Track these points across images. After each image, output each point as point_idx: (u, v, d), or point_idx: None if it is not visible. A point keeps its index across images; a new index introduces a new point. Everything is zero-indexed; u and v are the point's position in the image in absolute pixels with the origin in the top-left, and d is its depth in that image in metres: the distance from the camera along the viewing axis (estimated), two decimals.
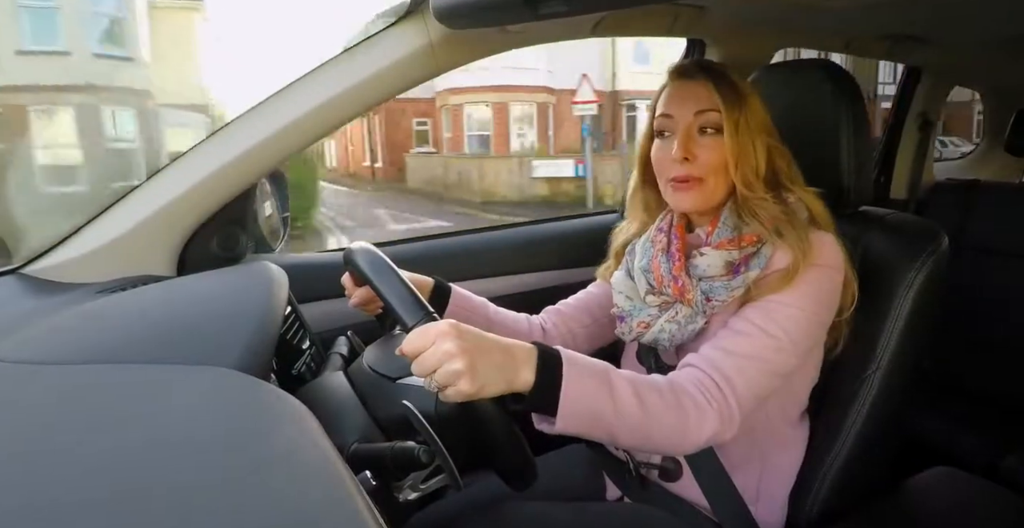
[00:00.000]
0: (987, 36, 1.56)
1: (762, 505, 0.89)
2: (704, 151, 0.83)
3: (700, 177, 0.83)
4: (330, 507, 0.39)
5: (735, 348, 0.77)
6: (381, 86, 1.03)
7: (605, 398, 0.68)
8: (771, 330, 0.77)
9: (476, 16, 0.91)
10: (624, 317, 0.88)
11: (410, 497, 0.75)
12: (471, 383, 0.61)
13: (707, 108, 0.82)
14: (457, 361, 0.61)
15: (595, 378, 0.69)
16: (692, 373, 0.76)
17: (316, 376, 0.96)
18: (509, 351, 0.66)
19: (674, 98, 0.85)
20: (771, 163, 0.84)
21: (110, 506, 0.40)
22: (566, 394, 0.66)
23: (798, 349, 0.79)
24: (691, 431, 0.72)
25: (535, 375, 0.66)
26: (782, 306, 0.78)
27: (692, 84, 0.84)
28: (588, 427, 0.69)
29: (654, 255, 0.86)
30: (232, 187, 1.03)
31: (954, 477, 1.04)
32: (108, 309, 0.82)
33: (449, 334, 0.62)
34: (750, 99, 0.83)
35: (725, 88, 0.82)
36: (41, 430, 0.50)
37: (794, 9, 1.27)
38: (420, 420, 0.70)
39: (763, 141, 0.83)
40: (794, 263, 0.78)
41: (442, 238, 1.49)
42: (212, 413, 0.53)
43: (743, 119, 0.81)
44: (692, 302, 0.82)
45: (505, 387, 0.65)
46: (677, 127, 0.84)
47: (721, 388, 0.74)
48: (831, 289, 0.82)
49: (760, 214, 0.82)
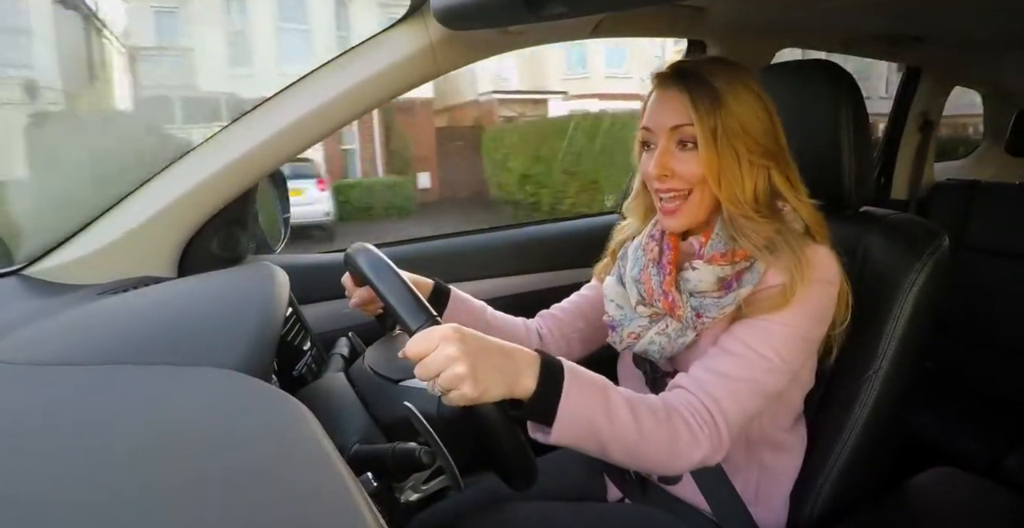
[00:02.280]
0: (987, 36, 1.56)
1: (762, 506, 0.89)
2: (682, 165, 0.79)
3: (685, 190, 0.81)
4: (331, 508, 0.39)
5: (726, 370, 0.76)
6: (381, 87, 1.03)
7: (601, 412, 0.68)
8: (762, 351, 0.76)
9: (476, 17, 0.91)
10: (615, 326, 0.87)
11: (411, 498, 0.75)
12: (474, 387, 0.61)
13: (681, 123, 0.78)
14: (460, 365, 0.61)
15: (594, 392, 0.69)
16: (685, 397, 0.75)
17: (317, 377, 0.97)
18: (512, 356, 0.66)
19: (653, 110, 0.82)
20: (763, 178, 0.79)
21: (110, 506, 0.40)
22: (565, 405, 0.67)
23: (789, 368, 0.78)
24: (682, 454, 0.72)
25: (536, 383, 0.66)
26: (775, 325, 0.77)
27: (669, 95, 0.80)
28: (582, 439, 0.69)
29: (645, 265, 0.84)
30: (233, 188, 1.03)
31: (954, 477, 1.04)
32: (109, 310, 0.82)
33: (452, 338, 0.62)
34: (734, 107, 0.77)
35: (700, 96, 0.77)
36: (42, 431, 0.50)
37: (794, 9, 1.27)
38: (422, 421, 0.70)
39: (750, 155, 0.78)
40: (790, 283, 0.76)
41: (441, 239, 1.49)
42: (213, 414, 0.53)
43: (720, 130, 0.76)
44: (682, 318, 0.81)
45: (507, 392, 0.65)
46: (656, 141, 0.82)
47: (713, 414, 0.73)
48: (825, 304, 0.80)
49: (751, 235, 0.79)
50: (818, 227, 0.82)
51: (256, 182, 1.08)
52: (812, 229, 0.82)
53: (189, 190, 1.00)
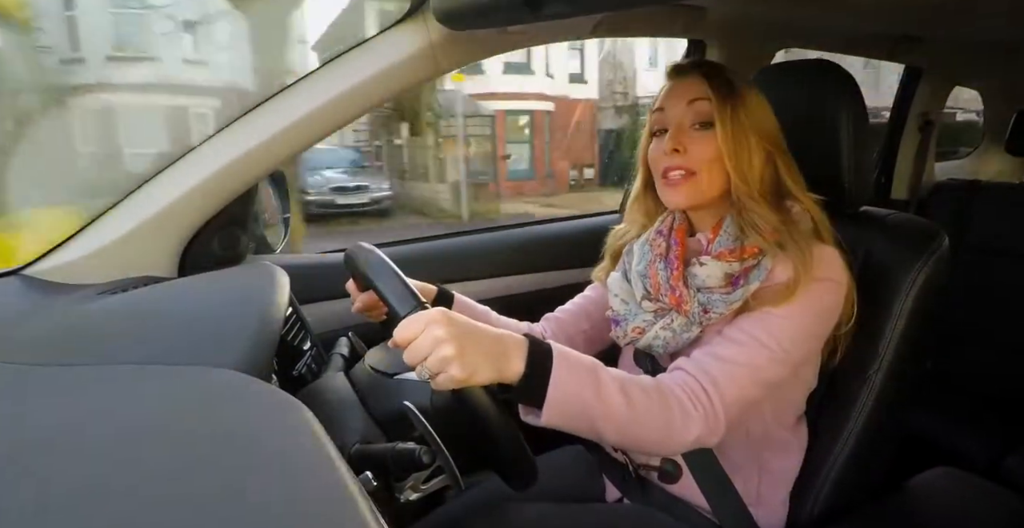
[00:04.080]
0: (987, 36, 1.56)
1: (762, 506, 0.89)
2: (695, 144, 0.82)
3: (692, 170, 0.82)
4: (331, 508, 0.40)
5: (727, 354, 0.76)
6: (382, 87, 1.03)
7: (591, 393, 0.68)
8: (765, 340, 0.76)
9: (477, 17, 0.91)
10: (619, 321, 0.88)
11: (411, 498, 0.75)
12: (461, 369, 0.61)
13: (698, 97, 0.82)
14: (447, 347, 0.61)
15: (584, 373, 0.69)
16: (680, 376, 0.76)
17: (317, 377, 0.97)
18: (500, 340, 0.66)
19: (668, 94, 0.86)
20: (771, 164, 0.83)
21: (110, 506, 0.40)
22: (555, 385, 0.66)
23: (790, 359, 0.78)
24: (676, 431, 0.72)
25: (525, 365, 0.66)
26: (779, 318, 0.77)
27: (686, 80, 0.84)
28: (574, 421, 0.69)
29: (652, 260, 0.85)
30: (233, 188, 1.03)
31: (954, 477, 1.04)
32: (109, 310, 0.82)
33: (439, 321, 0.62)
34: (746, 96, 0.81)
35: (718, 81, 0.82)
36: (42, 431, 0.50)
37: (794, 9, 1.28)
38: (421, 420, 0.70)
39: (760, 141, 0.81)
40: (795, 278, 0.77)
41: (442, 239, 1.49)
42: (213, 414, 0.53)
43: (736, 113, 0.80)
44: (689, 313, 0.81)
45: (495, 375, 0.64)
46: (670, 121, 0.84)
47: (708, 392, 0.73)
48: (831, 302, 0.80)
49: (761, 226, 0.80)
50: (825, 226, 0.83)
51: (256, 182, 1.08)
52: (820, 228, 0.83)
53: (189, 190, 1.00)
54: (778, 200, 0.83)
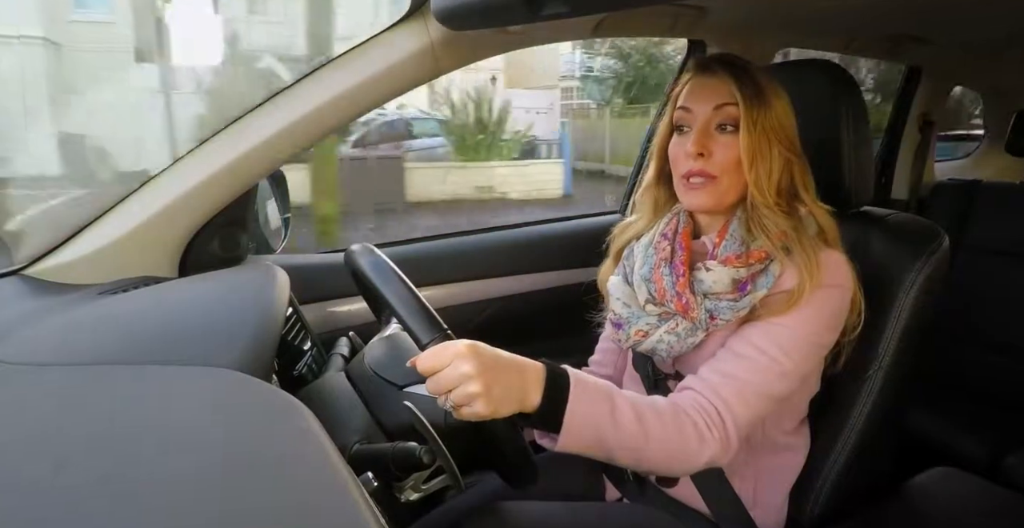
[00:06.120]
0: (987, 36, 1.56)
1: (761, 508, 0.89)
2: (720, 148, 0.80)
3: (714, 175, 0.81)
4: (331, 508, 0.40)
5: (736, 372, 0.76)
6: (381, 87, 1.03)
7: (607, 421, 0.69)
8: (773, 354, 0.76)
9: (477, 17, 0.91)
10: (621, 324, 0.86)
11: (411, 498, 0.75)
12: (486, 406, 0.62)
13: (726, 102, 0.80)
14: (474, 384, 0.61)
15: (599, 400, 0.70)
16: (694, 398, 0.75)
17: (317, 377, 0.97)
18: (522, 373, 0.67)
19: (694, 92, 0.83)
20: (788, 172, 0.81)
21: (110, 506, 0.40)
22: (571, 415, 0.67)
23: (799, 372, 0.78)
24: (690, 456, 0.72)
25: (542, 396, 0.67)
26: (786, 329, 0.76)
27: (713, 79, 0.82)
28: (589, 448, 0.70)
29: (656, 264, 0.84)
30: (233, 188, 1.03)
31: (954, 477, 1.04)
32: (110, 310, 0.82)
33: (467, 356, 0.62)
34: (773, 101, 0.80)
35: (746, 84, 0.80)
36: (42, 431, 0.50)
37: (794, 9, 1.27)
38: (423, 423, 0.70)
39: (781, 147, 0.80)
40: (800, 284, 0.76)
41: (442, 239, 1.49)
42: (213, 414, 0.53)
43: (762, 117, 0.79)
44: (695, 319, 0.80)
45: (518, 407, 0.66)
46: (695, 122, 0.82)
47: (722, 415, 0.74)
48: (837, 309, 0.80)
49: (769, 227, 0.79)
50: (832, 232, 0.82)
51: (257, 182, 1.08)
52: (826, 233, 0.82)
53: (190, 190, 1.00)
54: (790, 206, 0.82)
